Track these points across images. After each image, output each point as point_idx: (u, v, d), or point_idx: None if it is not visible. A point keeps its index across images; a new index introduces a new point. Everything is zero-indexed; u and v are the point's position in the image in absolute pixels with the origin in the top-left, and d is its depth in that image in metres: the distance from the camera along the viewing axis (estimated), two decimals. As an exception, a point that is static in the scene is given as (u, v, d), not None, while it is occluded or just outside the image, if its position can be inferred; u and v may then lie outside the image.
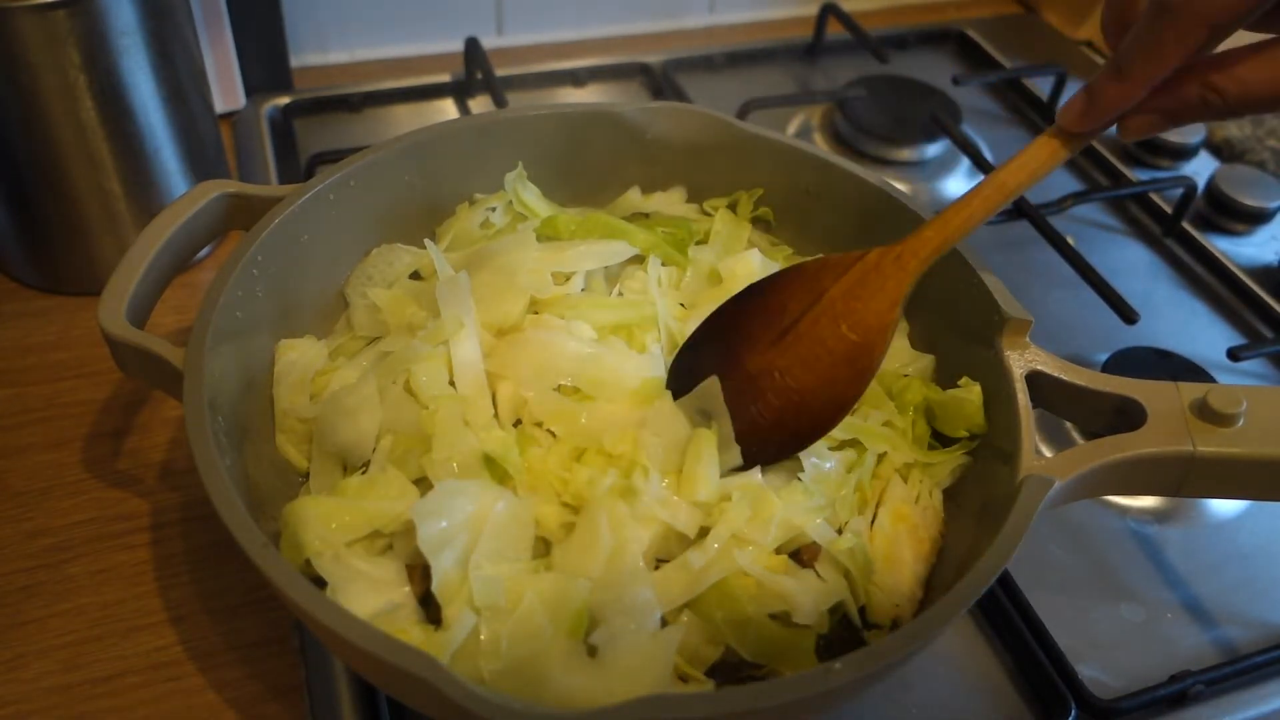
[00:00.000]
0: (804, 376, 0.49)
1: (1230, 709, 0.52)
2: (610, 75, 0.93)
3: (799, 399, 0.49)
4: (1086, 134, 0.48)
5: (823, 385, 0.49)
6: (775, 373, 0.49)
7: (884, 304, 0.49)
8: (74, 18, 0.59)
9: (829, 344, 0.49)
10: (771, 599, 0.47)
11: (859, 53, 0.96)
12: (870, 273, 0.49)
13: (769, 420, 0.49)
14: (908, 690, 0.52)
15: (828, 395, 0.49)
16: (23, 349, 0.66)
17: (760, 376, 0.49)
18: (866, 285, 0.49)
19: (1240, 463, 0.47)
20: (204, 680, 0.51)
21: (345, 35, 0.93)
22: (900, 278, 0.49)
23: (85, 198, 0.66)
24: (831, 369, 0.49)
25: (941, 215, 0.50)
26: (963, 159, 0.86)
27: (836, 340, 0.49)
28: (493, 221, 0.62)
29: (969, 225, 0.49)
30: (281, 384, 0.54)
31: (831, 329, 0.49)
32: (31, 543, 0.56)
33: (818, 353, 0.49)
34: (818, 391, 0.49)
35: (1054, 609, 0.55)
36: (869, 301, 0.49)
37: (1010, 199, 0.49)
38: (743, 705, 0.38)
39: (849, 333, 0.48)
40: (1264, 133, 0.93)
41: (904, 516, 0.52)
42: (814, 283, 0.50)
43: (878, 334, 0.48)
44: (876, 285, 0.49)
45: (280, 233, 0.54)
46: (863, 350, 0.48)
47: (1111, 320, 0.69)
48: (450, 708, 0.37)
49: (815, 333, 0.49)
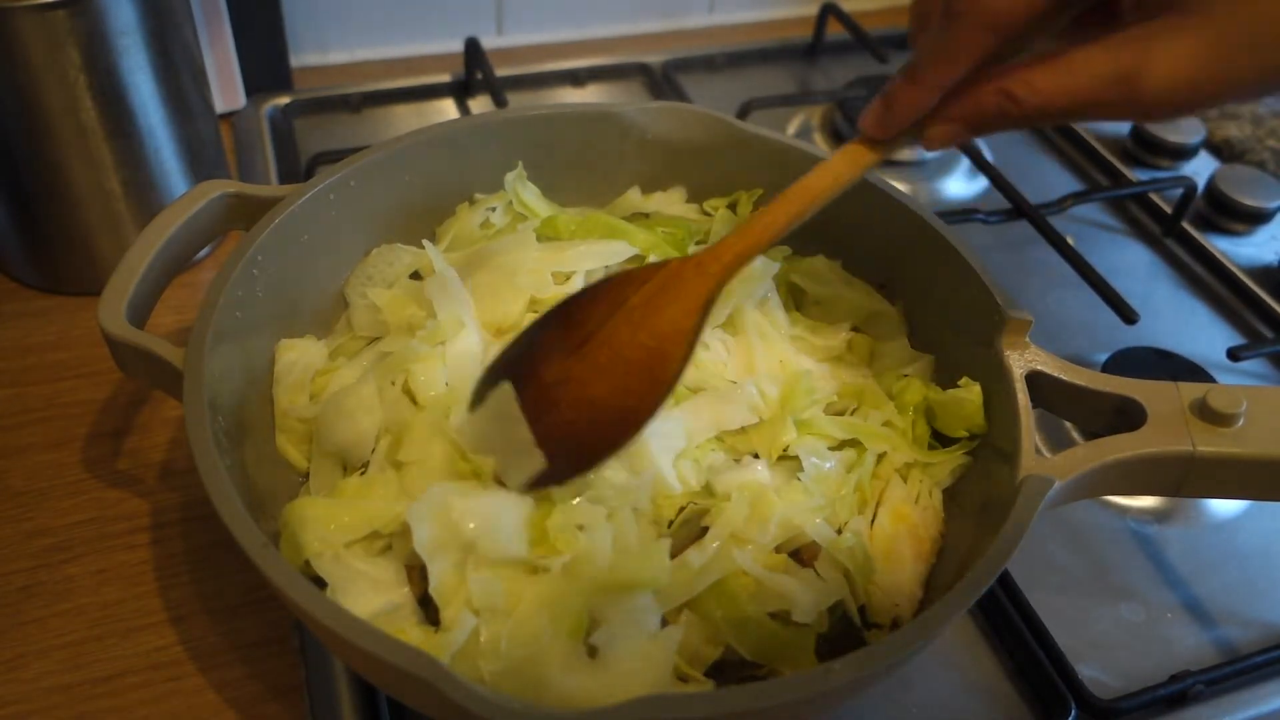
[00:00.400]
0: (600, 386, 0.47)
1: (1230, 709, 0.53)
2: (610, 75, 0.93)
3: (596, 410, 0.47)
4: (888, 140, 0.48)
5: (619, 395, 0.47)
6: (572, 382, 0.47)
7: (681, 311, 0.47)
8: (74, 18, 0.59)
9: (626, 352, 0.47)
10: (771, 598, 0.47)
11: (859, 53, 0.96)
12: (671, 280, 0.48)
13: (565, 431, 0.47)
14: (908, 690, 0.52)
15: (624, 405, 0.47)
16: (23, 349, 0.66)
17: (557, 386, 0.47)
18: (666, 293, 0.47)
19: (1240, 463, 0.47)
20: (204, 680, 0.51)
21: (345, 35, 0.93)
22: (699, 284, 0.47)
23: (85, 198, 0.66)
24: (627, 378, 0.47)
25: (745, 222, 0.49)
26: (963, 159, 0.86)
27: (634, 348, 0.47)
28: (493, 221, 0.62)
29: (772, 231, 0.48)
30: (281, 384, 0.54)
31: (630, 337, 0.47)
32: (31, 543, 0.56)
33: (615, 362, 0.47)
34: (614, 401, 0.47)
35: (1054, 609, 0.55)
36: (667, 309, 0.47)
37: (817, 205, 0.48)
38: (743, 705, 0.38)
39: (646, 340, 0.47)
40: (1264, 133, 0.93)
41: (904, 516, 0.52)
42: (617, 293, 0.48)
43: (673, 341, 0.46)
44: (676, 292, 0.47)
45: (280, 233, 0.54)
46: (658, 358, 0.46)
47: (1111, 320, 0.69)
48: (450, 708, 0.37)
49: (614, 342, 0.47)
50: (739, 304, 0.58)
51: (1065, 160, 0.90)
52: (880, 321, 0.60)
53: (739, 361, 0.57)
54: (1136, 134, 0.90)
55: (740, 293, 0.58)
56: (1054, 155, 0.90)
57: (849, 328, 0.60)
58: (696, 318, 0.47)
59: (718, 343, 0.57)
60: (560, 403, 0.47)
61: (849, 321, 0.60)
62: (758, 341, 0.57)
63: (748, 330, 0.57)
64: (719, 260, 0.48)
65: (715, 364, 0.56)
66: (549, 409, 0.47)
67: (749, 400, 0.54)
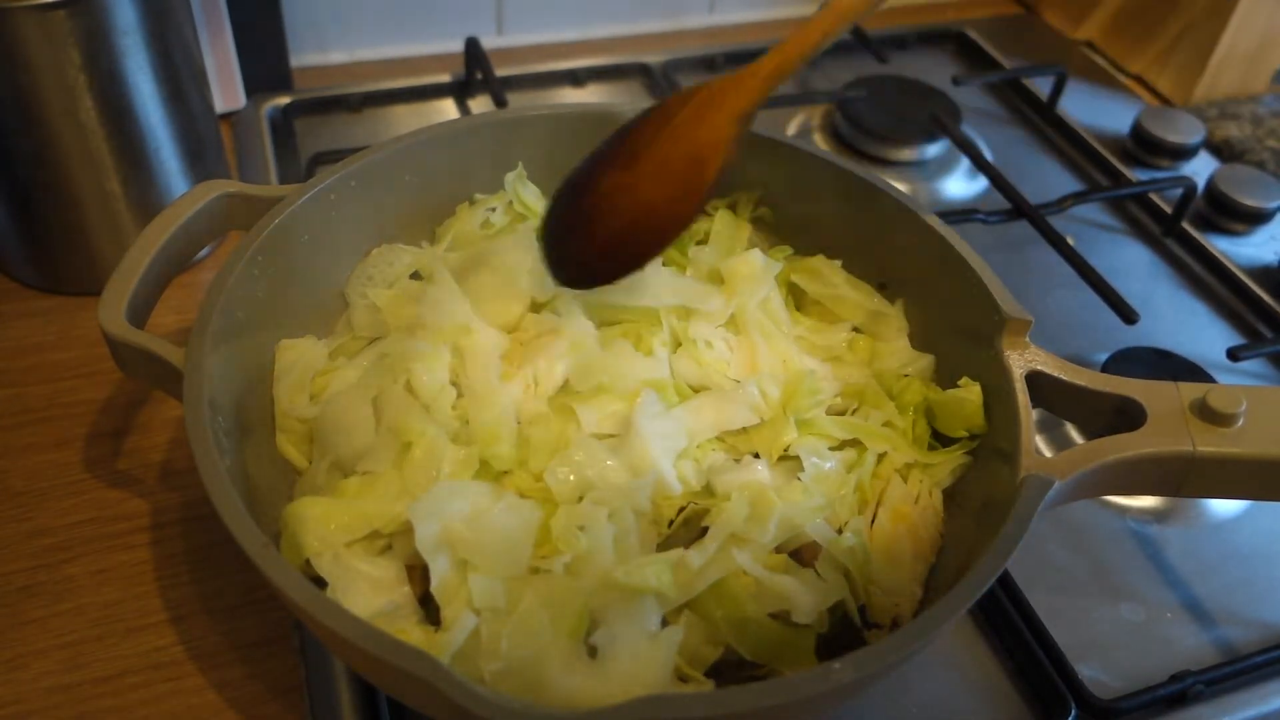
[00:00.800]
0: (649, 191, 0.52)
1: (1230, 709, 0.53)
2: (610, 75, 0.93)
3: (644, 211, 0.52)
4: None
5: (665, 199, 0.52)
6: (623, 190, 0.52)
7: (719, 122, 0.51)
8: (74, 18, 0.59)
9: (671, 162, 0.52)
10: (771, 598, 0.47)
11: (859, 53, 0.96)
12: (712, 97, 0.52)
13: (618, 232, 0.53)
14: (908, 690, 0.52)
15: (669, 209, 0.52)
16: (23, 349, 0.66)
17: (611, 195, 0.53)
18: (707, 107, 0.51)
19: (1240, 463, 0.47)
20: (204, 680, 0.51)
21: (345, 35, 0.93)
22: (736, 98, 0.51)
23: (85, 198, 0.66)
24: (671, 183, 0.52)
25: (781, 44, 0.52)
26: (963, 159, 0.86)
27: (677, 158, 0.51)
28: (493, 221, 0.62)
29: (807, 47, 0.51)
30: (281, 384, 0.54)
31: (674, 148, 0.52)
32: (31, 543, 0.56)
33: (661, 170, 0.52)
34: (660, 206, 0.52)
35: (1054, 609, 0.55)
36: (707, 121, 0.51)
37: (849, 23, 0.51)
38: (743, 705, 0.38)
39: (688, 149, 0.51)
40: (1264, 133, 0.93)
41: (904, 516, 0.52)
42: (664, 113, 0.53)
43: (711, 148, 0.51)
44: (716, 106, 0.51)
45: (280, 233, 0.54)
46: (697, 164, 0.51)
47: (1111, 320, 0.69)
48: (450, 708, 0.37)
49: (660, 154, 0.52)
50: (742, 303, 0.58)
51: (1065, 160, 0.90)
52: (881, 321, 0.60)
53: (742, 360, 0.57)
54: (1137, 134, 0.90)
55: (743, 292, 0.58)
56: (1054, 155, 0.90)
57: (849, 328, 0.60)
58: (735, 128, 0.51)
59: (720, 341, 0.57)
60: (614, 209, 0.52)
61: (849, 321, 0.60)
62: (760, 341, 0.57)
63: (750, 329, 0.57)
64: (755, 75, 0.51)
65: (718, 363, 0.57)
66: (604, 215, 0.52)
67: (750, 400, 0.54)
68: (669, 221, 0.52)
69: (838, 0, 0.50)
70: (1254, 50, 0.96)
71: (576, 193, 0.54)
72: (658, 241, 0.53)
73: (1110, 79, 1.01)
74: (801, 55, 0.51)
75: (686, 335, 0.57)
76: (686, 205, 0.52)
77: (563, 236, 0.54)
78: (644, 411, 0.52)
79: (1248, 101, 0.98)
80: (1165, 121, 0.89)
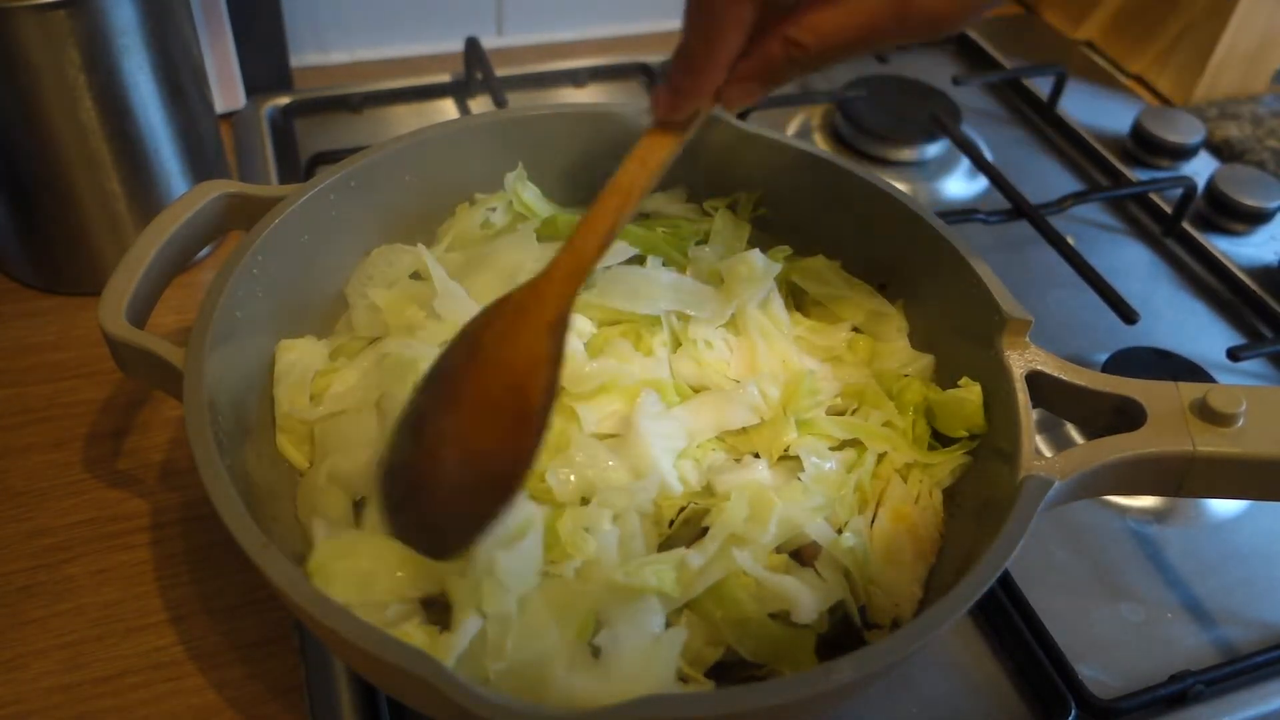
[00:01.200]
0: (477, 436, 0.45)
1: (1230, 709, 0.53)
2: (610, 75, 0.93)
3: (478, 460, 0.45)
4: (684, 120, 0.48)
5: (495, 442, 0.45)
6: (451, 441, 0.45)
7: (529, 338, 0.46)
8: (74, 18, 0.59)
9: (491, 397, 0.45)
10: (772, 598, 0.47)
11: (859, 53, 0.96)
12: (514, 313, 0.46)
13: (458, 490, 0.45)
14: (908, 690, 0.52)
15: (502, 450, 0.45)
16: (23, 349, 0.66)
17: (439, 447, 0.45)
18: (514, 327, 0.46)
19: (1240, 463, 0.47)
20: (204, 680, 0.51)
21: (345, 35, 0.93)
22: (540, 306, 0.46)
23: (85, 198, 0.66)
24: (498, 421, 0.45)
25: (571, 239, 0.47)
26: (963, 159, 0.86)
27: (497, 390, 0.45)
28: (493, 221, 0.62)
29: (603, 241, 0.47)
30: (281, 384, 0.54)
31: (491, 380, 0.45)
32: (31, 543, 0.56)
33: (484, 408, 0.45)
34: (492, 449, 0.45)
35: (1054, 609, 0.55)
36: (517, 342, 0.46)
37: (637, 201, 0.48)
38: (743, 705, 0.38)
39: (505, 378, 0.45)
40: (1264, 133, 0.93)
41: (904, 516, 0.52)
42: (472, 341, 0.47)
43: (528, 372, 0.45)
44: (522, 323, 0.46)
45: (280, 233, 0.54)
46: (517, 392, 0.45)
47: (1111, 320, 0.69)
48: (451, 708, 0.37)
49: (478, 389, 0.45)
50: (742, 304, 0.58)
51: (1065, 160, 0.90)
52: (880, 322, 0.60)
53: (742, 361, 0.57)
54: (1137, 134, 0.90)
55: (743, 293, 0.58)
56: (1054, 155, 0.90)
57: (849, 328, 0.60)
58: (548, 342, 0.45)
59: (720, 342, 0.57)
60: (446, 464, 0.45)
61: (849, 322, 0.60)
62: (760, 341, 0.57)
63: (750, 330, 0.57)
64: (552, 281, 0.47)
65: (718, 363, 0.57)
66: (438, 473, 0.45)
67: (750, 401, 0.54)
68: (508, 464, 0.44)
69: (619, 179, 0.48)
70: (1254, 50, 0.96)
71: (408, 449, 0.46)
72: (504, 488, 0.44)
73: (1110, 79, 1.01)
74: (598, 245, 0.47)
75: (686, 335, 0.57)
76: (522, 440, 0.44)
77: (404, 502, 0.45)
78: (644, 411, 0.52)
79: (1248, 101, 0.98)
80: (1165, 121, 0.89)
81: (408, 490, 0.45)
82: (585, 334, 0.56)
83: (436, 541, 0.45)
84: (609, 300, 0.57)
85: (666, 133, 0.49)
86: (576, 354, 0.55)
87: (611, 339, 0.56)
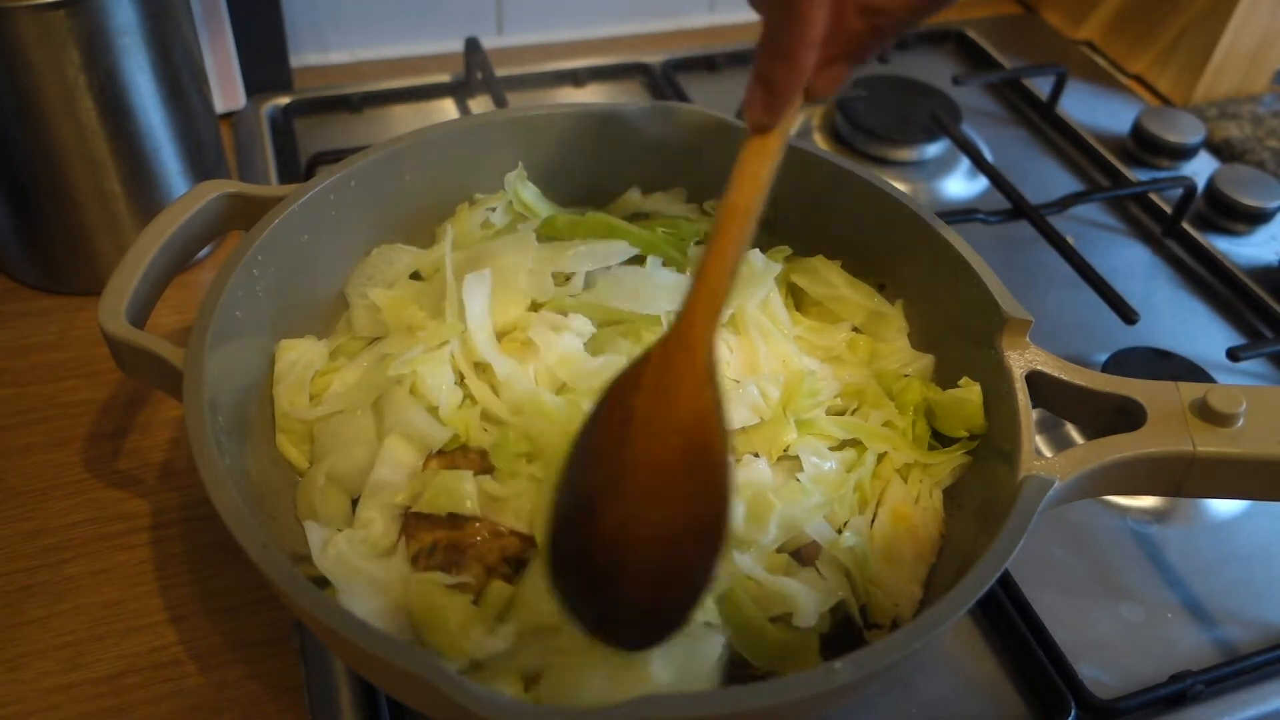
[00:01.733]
0: (659, 514, 0.42)
1: (1230, 709, 0.53)
2: (610, 75, 0.93)
3: (666, 543, 0.42)
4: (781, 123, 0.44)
5: (684, 511, 0.42)
6: (630, 522, 0.42)
7: (693, 391, 0.42)
8: (74, 18, 0.59)
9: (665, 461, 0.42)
10: (773, 601, 0.47)
11: (859, 53, 0.95)
12: (664, 369, 0.43)
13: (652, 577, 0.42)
14: (908, 690, 0.52)
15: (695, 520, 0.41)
16: (23, 349, 0.66)
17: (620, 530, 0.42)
18: (668, 384, 0.43)
19: (1240, 463, 0.47)
20: (204, 680, 0.51)
21: (345, 35, 0.93)
22: (691, 359, 0.43)
23: (85, 198, 0.66)
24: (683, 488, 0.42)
25: (702, 275, 0.43)
26: (963, 159, 0.86)
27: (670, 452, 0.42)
28: (493, 221, 0.62)
29: (731, 270, 0.43)
30: (281, 384, 0.54)
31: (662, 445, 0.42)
32: (31, 543, 0.56)
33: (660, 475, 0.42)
34: (681, 521, 0.42)
35: (1054, 609, 0.55)
36: (678, 399, 0.42)
37: (753, 221, 0.44)
38: (743, 705, 0.38)
39: (676, 440, 0.42)
40: (1264, 133, 0.93)
41: (904, 516, 0.52)
42: (620, 411, 0.43)
43: (702, 423, 0.42)
44: (676, 379, 0.42)
45: (280, 233, 0.54)
46: (698, 448, 0.41)
47: (1111, 320, 0.69)
48: (450, 708, 0.37)
49: (648, 458, 0.42)
50: (742, 304, 0.58)
51: (1065, 160, 0.90)
52: (881, 321, 0.60)
53: (742, 361, 0.57)
54: (1137, 134, 0.90)
55: (743, 293, 0.58)
56: (1054, 155, 0.90)
57: (849, 328, 0.60)
58: (709, 393, 0.42)
59: (720, 342, 0.57)
60: (636, 549, 0.42)
61: (849, 321, 0.60)
62: (760, 341, 0.57)
63: (750, 330, 0.57)
64: (694, 326, 0.43)
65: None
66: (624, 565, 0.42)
67: (750, 400, 0.54)
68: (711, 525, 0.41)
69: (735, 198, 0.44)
70: (1254, 50, 0.96)
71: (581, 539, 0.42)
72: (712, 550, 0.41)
73: (1110, 79, 1.01)
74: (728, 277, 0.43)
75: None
76: (714, 503, 0.41)
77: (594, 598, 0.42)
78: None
79: (1248, 101, 0.98)
80: (1165, 121, 0.89)
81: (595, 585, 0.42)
82: (585, 334, 0.56)
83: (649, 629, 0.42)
84: (609, 300, 0.57)
85: (766, 137, 0.44)
86: (577, 352, 0.55)
87: (612, 339, 0.56)
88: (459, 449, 0.52)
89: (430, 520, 0.49)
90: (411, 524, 0.49)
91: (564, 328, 0.55)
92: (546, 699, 0.44)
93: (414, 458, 0.51)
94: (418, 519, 0.49)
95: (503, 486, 0.49)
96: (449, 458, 0.52)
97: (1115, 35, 1.04)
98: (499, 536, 0.48)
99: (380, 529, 0.49)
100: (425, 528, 0.49)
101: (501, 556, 0.48)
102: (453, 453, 0.52)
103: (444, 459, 0.52)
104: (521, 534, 0.48)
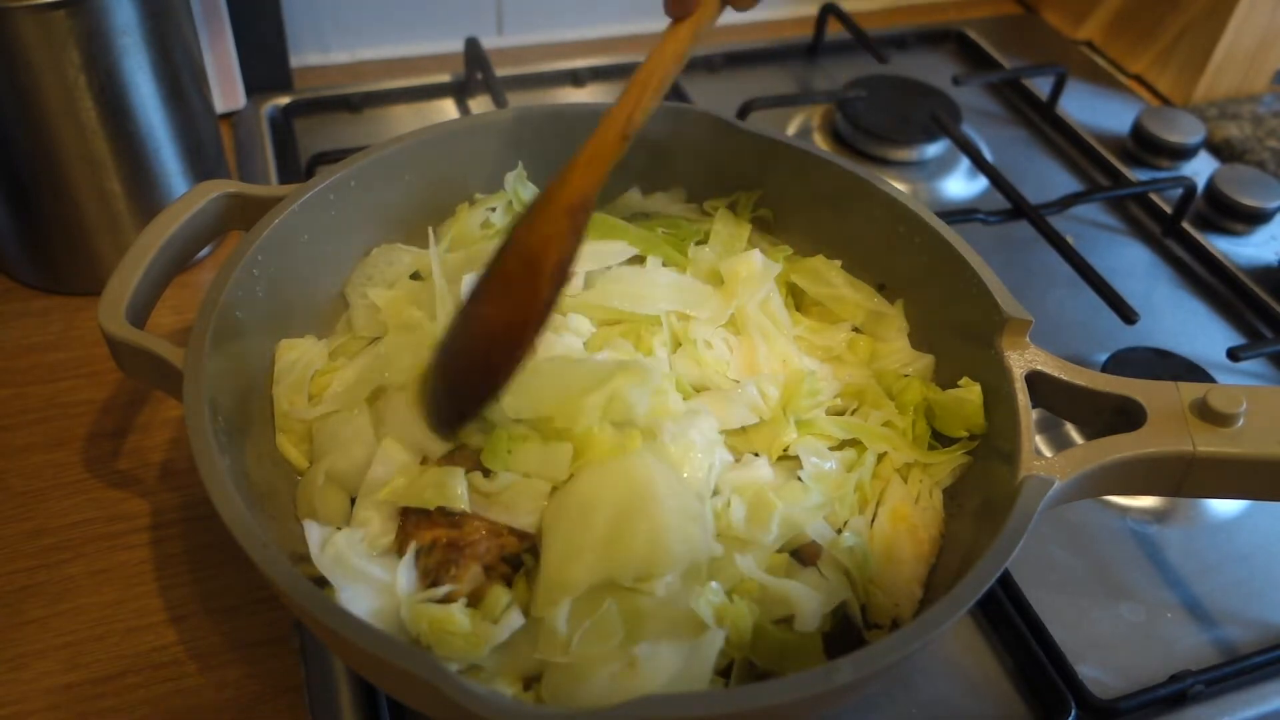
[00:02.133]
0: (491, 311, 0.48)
1: (1230, 709, 0.53)
2: (610, 75, 0.93)
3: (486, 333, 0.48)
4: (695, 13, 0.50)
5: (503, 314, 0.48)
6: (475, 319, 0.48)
7: (547, 217, 0.47)
8: (74, 18, 0.59)
9: (509, 274, 0.48)
10: (775, 603, 0.47)
11: (859, 53, 0.96)
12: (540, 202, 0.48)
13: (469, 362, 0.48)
14: (908, 690, 0.52)
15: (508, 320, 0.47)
16: (23, 349, 0.66)
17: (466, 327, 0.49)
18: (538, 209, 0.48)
19: (1240, 463, 0.47)
20: (204, 680, 0.51)
21: (345, 35, 0.93)
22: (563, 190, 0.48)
23: (85, 198, 0.66)
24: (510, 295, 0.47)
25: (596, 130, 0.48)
26: (963, 159, 0.86)
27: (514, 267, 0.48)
28: (493, 221, 0.62)
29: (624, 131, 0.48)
30: (281, 384, 0.54)
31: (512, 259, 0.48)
32: (31, 543, 0.56)
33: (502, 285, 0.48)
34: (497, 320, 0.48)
35: (1054, 609, 0.55)
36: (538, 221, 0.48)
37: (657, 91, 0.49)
38: (743, 705, 0.38)
39: (522, 253, 0.47)
40: (1264, 133, 0.93)
41: (904, 516, 0.52)
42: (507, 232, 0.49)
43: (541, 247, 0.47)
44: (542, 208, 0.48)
45: (280, 233, 0.54)
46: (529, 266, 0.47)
47: (1111, 320, 0.69)
48: (450, 708, 0.37)
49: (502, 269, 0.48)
50: (742, 304, 0.58)
51: (1065, 160, 0.90)
52: (881, 321, 0.60)
53: (742, 361, 0.57)
54: (1137, 134, 0.90)
55: (743, 293, 0.58)
56: (1054, 155, 0.90)
57: (849, 328, 0.60)
58: (565, 221, 0.47)
59: (720, 342, 0.57)
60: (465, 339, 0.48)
61: (849, 321, 0.60)
62: (760, 341, 0.57)
63: (750, 330, 0.57)
64: (574, 168, 0.48)
65: (718, 363, 0.57)
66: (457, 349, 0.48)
67: (750, 400, 0.54)
68: (515, 331, 0.47)
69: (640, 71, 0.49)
70: (1254, 50, 0.96)
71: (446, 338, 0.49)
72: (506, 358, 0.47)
73: (1110, 79, 1.01)
74: (619, 134, 0.48)
75: (686, 335, 0.57)
76: (529, 309, 0.47)
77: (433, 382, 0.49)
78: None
79: (1248, 101, 0.98)
80: (1165, 121, 0.89)
81: (436, 370, 0.49)
82: (585, 334, 0.56)
83: (452, 413, 0.49)
84: (609, 300, 0.57)
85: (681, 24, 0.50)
86: (577, 350, 0.55)
87: (611, 339, 0.56)
88: (457, 447, 0.52)
89: (429, 519, 0.49)
90: (410, 523, 0.49)
91: (563, 327, 0.56)
92: (546, 699, 0.44)
93: (410, 458, 0.51)
94: (417, 518, 0.49)
95: (492, 483, 0.49)
96: (446, 456, 0.52)
97: (1115, 35, 1.04)
98: (497, 535, 0.48)
99: (378, 527, 0.49)
100: (424, 526, 0.49)
101: (500, 555, 0.48)
102: (451, 452, 0.52)
103: (441, 457, 0.52)
104: (520, 533, 0.48)
